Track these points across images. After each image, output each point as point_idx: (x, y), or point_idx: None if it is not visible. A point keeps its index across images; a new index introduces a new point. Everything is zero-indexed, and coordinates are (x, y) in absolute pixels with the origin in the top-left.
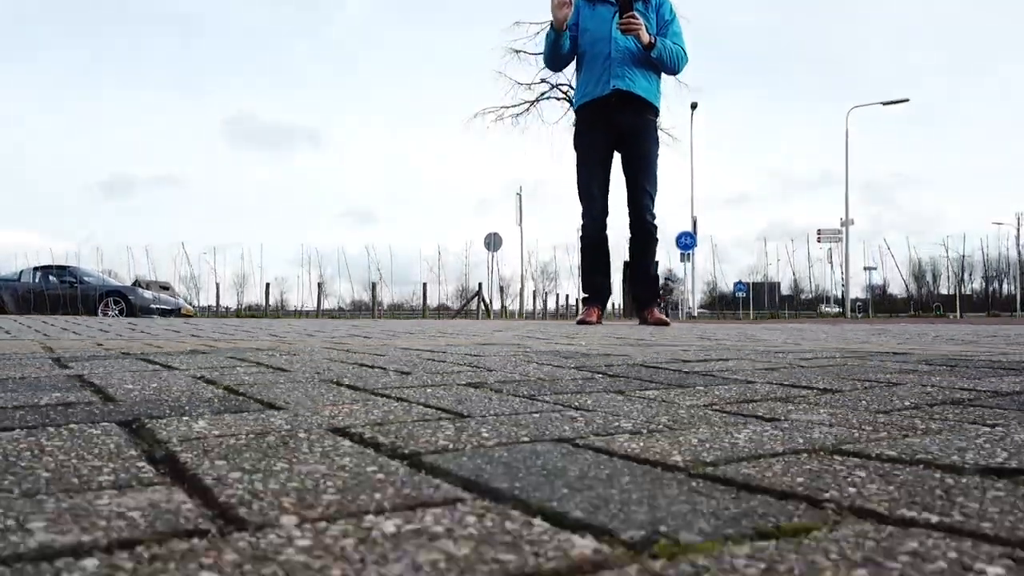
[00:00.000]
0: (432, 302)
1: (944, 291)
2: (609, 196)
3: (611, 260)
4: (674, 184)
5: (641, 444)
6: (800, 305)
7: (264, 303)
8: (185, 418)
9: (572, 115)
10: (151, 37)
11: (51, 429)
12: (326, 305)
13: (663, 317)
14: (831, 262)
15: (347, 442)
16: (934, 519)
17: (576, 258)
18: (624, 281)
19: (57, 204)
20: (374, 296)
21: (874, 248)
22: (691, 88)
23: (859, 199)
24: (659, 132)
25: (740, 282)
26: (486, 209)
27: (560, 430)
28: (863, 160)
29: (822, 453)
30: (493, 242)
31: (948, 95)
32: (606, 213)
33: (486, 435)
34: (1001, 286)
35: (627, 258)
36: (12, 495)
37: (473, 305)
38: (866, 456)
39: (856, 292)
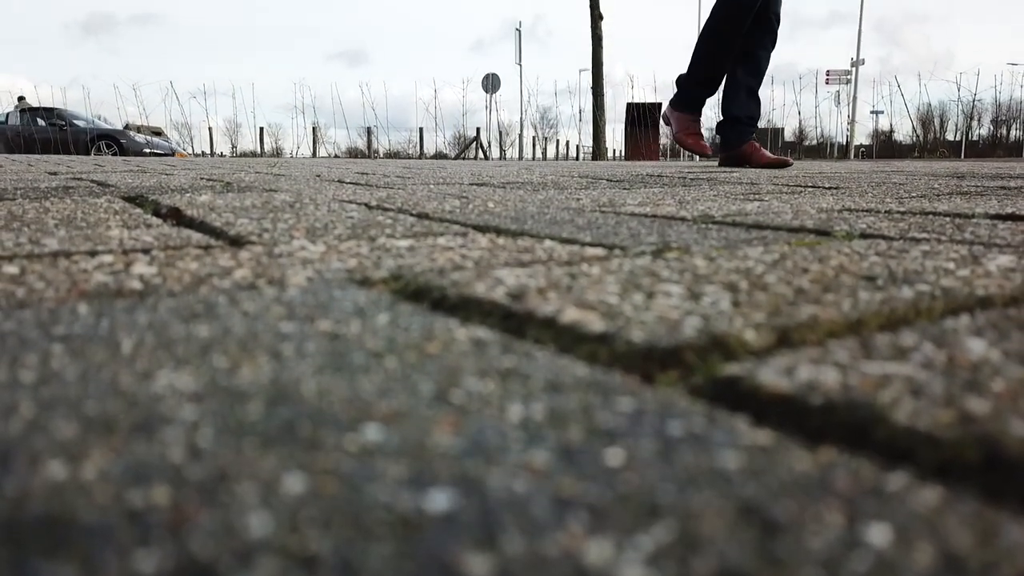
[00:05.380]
0: (429, 149)
1: (951, 137)
2: None
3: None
4: (680, 23)
5: (647, 210)
6: (803, 151)
7: (259, 148)
8: (188, 195)
9: None
10: None
11: (54, 199)
12: (322, 152)
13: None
14: (837, 104)
15: (353, 206)
16: (944, 238)
17: (579, 101)
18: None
19: (37, 46)
20: (370, 141)
21: (884, 91)
22: None
23: (870, 40)
24: None
25: None
26: (483, 49)
27: (566, 204)
28: None
29: (831, 211)
30: (491, 83)
31: None
32: None
33: (493, 207)
34: (1009, 131)
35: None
36: (22, 231)
37: (471, 152)
38: (874, 211)
39: (861, 139)
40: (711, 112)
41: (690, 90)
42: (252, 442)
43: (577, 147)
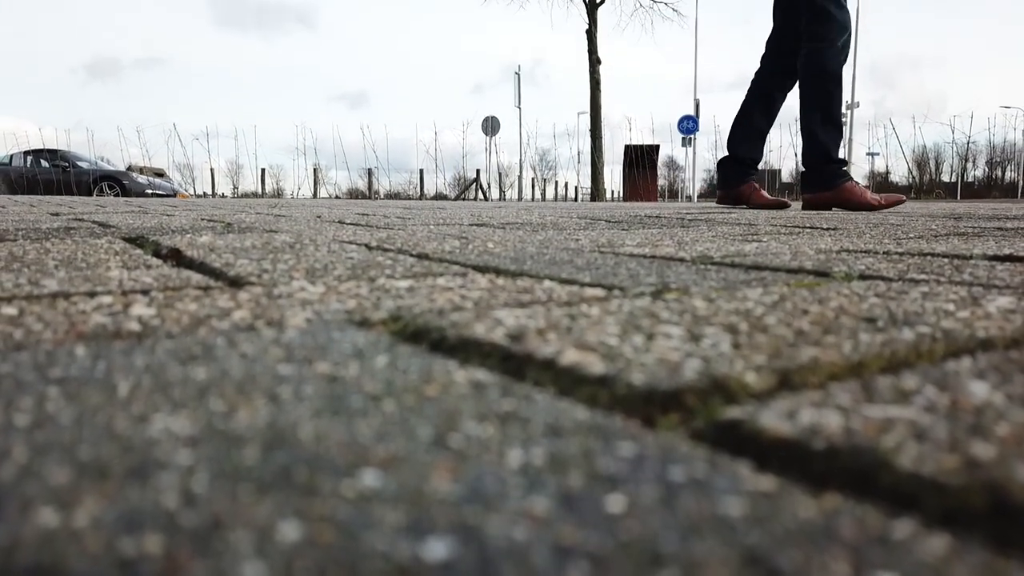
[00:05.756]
0: (429, 190)
1: (947, 178)
2: None
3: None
4: (677, 66)
5: (646, 251)
6: (799, 193)
7: (260, 189)
8: (188, 235)
9: None
10: None
11: (55, 240)
12: (323, 193)
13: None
14: None
15: (353, 247)
16: (943, 279)
17: (578, 143)
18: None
19: (43, 89)
20: (370, 182)
21: (879, 133)
22: None
23: (864, 83)
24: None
25: None
26: (483, 92)
27: (565, 245)
28: (870, 41)
29: (829, 252)
30: (491, 126)
31: None
32: None
33: (492, 247)
34: (1004, 172)
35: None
36: (22, 272)
37: (471, 193)
38: (873, 252)
39: (857, 181)
40: (710, 155)
41: (837, 156)
42: (247, 488)
43: (576, 188)
